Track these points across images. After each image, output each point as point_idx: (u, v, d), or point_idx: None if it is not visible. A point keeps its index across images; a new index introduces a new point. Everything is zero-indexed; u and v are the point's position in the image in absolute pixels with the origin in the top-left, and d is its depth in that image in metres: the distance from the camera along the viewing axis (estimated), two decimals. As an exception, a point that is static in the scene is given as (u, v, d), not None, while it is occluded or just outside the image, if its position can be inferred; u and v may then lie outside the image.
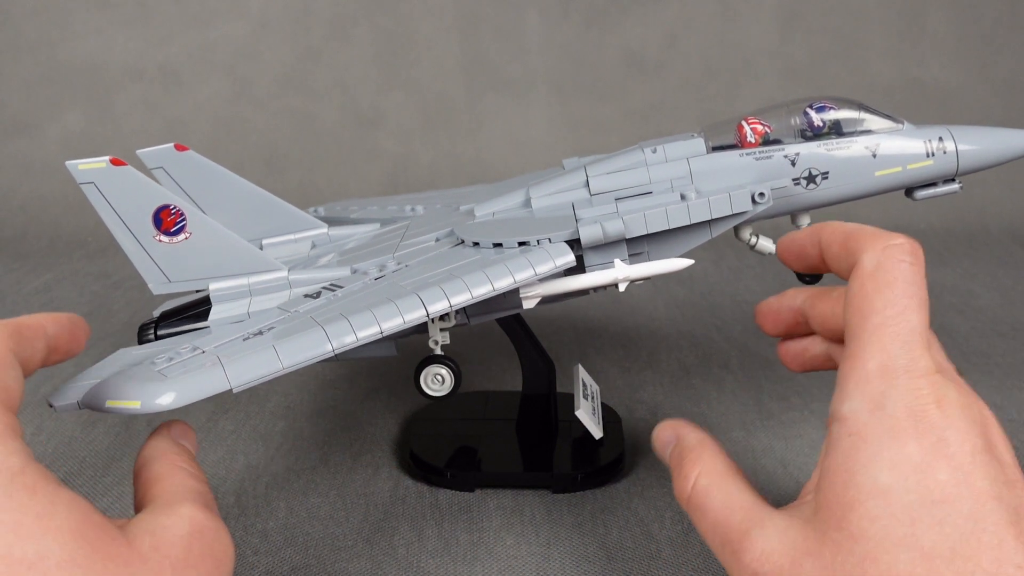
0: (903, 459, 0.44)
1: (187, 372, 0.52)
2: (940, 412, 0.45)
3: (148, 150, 0.74)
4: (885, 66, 1.66)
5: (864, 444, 0.45)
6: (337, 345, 0.53)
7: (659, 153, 0.69)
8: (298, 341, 0.53)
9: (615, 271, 0.63)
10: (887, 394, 0.45)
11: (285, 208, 0.79)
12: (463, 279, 0.58)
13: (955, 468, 0.43)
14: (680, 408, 0.85)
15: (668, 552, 0.64)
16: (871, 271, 0.48)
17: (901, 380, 0.45)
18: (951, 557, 0.42)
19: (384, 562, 0.64)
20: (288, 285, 0.67)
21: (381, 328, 0.54)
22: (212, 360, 0.52)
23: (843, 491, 0.44)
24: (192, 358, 0.54)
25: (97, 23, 1.68)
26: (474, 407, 0.82)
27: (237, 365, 0.52)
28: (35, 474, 0.39)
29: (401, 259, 0.67)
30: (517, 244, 0.63)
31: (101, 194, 0.64)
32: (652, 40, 1.68)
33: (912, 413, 0.45)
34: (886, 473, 0.44)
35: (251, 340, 0.55)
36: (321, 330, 0.54)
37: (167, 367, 0.53)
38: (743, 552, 0.47)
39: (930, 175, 0.67)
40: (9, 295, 1.25)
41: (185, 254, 0.67)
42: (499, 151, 1.66)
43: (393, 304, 0.56)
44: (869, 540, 0.43)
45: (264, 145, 1.67)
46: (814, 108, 0.68)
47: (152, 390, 0.50)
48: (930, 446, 0.44)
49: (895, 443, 0.44)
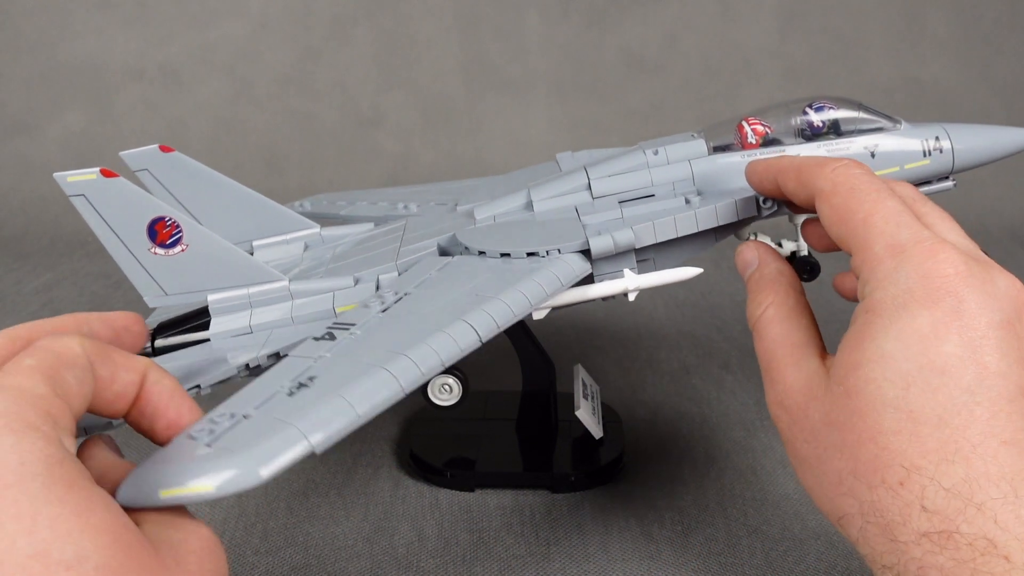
0: (912, 330, 0.44)
1: (249, 443, 0.42)
2: (958, 279, 0.45)
3: (131, 152, 0.72)
4: (885, 66, 1.66)
5: (877, 318, 0.46)
6: (406, 383, 0.48)
7: (661, 155, 0.68)
8: (364, 386, 0.47)
9: (626, 281, 0.62)
10: (899, 268, 0.46)
11: (275, 208, 0.77)
12: (501, 299, 0.55)
13: (966, 341, 0.44)
14: (680, 408, 0.86)
15: (668, 552, 0.64)
16: (831, 191, 0.51)
17: (911, 251, 0.46)
18: (937, 424, 0.43)
19: (384, 562, 0.64)
20: (289, 295, 0.66)
21: (442, 359, 0.51)
22: (270, 422, 0.44)
23: (849, 354, 0.46)
24: (239, 424, 0.45)
25: (97, 23, 1.68)
26: (474, 407, 0.82)
27: (307, 421, 0.44)
28: (73, 468, 0.36)
29: (403, 267, 0.66)
30: (526, 255, 0.61)
31: (92, 207, 0.62)
32: (652, 40, 1.67)
33: (926, 280, 0.45)
34: (892, 342, 0.45)
35: (299, 394, 0.48)
36: (386, 372, 0.48)
37: (215, 441, 0.43)
38: (776, 382, 0.51)
39: (927, 174, 0.67)
40: (9, 295, 1.25)
41: (182, 266, 0.65)
42: (499, 151, 1.65)
43: (446, 334, 0.52)
44: (861, 397, 0.45)
45: (264, 145, 1.67)
46: (813, 108, 0.67)
47: (214, 468, 0.40)
48: (943, 315, 0.44)
49: (906, 314, 0.45)
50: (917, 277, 0.45)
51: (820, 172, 0.52)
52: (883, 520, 0.43)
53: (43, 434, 0.36)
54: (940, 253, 0.45)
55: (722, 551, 0.65)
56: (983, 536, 0.41)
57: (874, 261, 0.47)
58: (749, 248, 0.59)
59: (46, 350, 0.40)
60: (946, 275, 0.45)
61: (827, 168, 0.52)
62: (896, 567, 0.43)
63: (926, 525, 0.42)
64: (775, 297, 0.54)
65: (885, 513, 0.43)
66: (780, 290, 0.55)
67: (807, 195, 0.53)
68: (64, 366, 0.39)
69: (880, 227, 0.48)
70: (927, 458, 0.42)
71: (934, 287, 0.45)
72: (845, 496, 0.45)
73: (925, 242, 0.46)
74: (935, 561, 0.41)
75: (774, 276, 0.56)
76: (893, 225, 0.47)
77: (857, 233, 0.48)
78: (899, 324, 0.45)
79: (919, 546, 0.42)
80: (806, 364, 0.50)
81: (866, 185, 0.50)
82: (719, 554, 0.65)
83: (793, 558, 0.65)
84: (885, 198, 0.49)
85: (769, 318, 0.54)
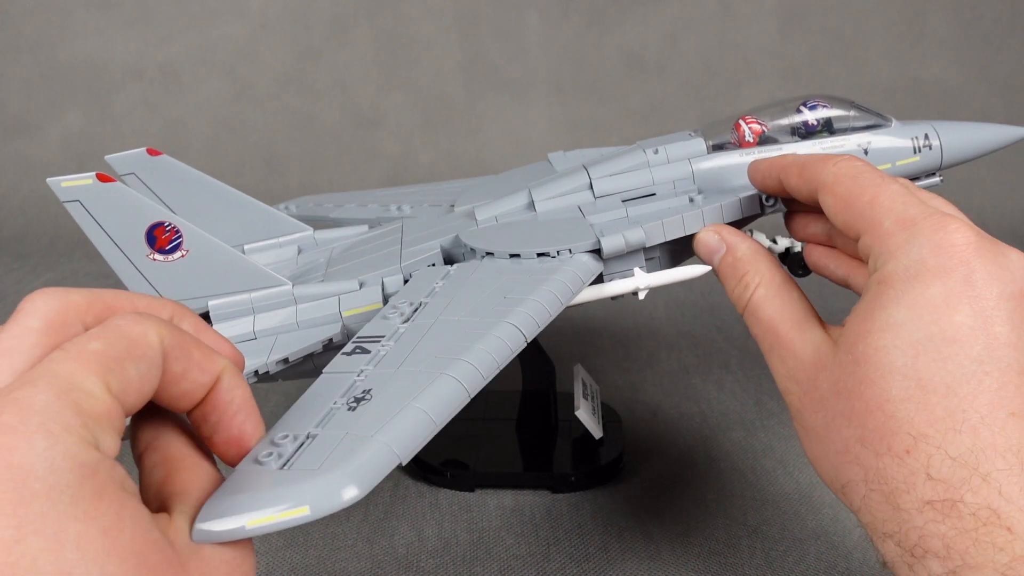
0: (924, 300, 0.45)
1: (331, 460, 0.41)
2: (969, 250, 0.45)
3: (117, 155, 0.70)
4: (885, 66, 1.66)
5: (889, 288, 0.46)
6: (470, 387, 0.49)
7: (661, 154, 0.69)
8: (433, 393, 0.47)
9: (636, 280, 0.63)
10: (911, 240, 0.47)
11: (267, 212, 0.76)
12: (535, 299, 0.55)
13: (977, 311, 0.44)
14: (680, 408, 0.86)
15: (668, 552, 0.64)
16: (834, 181, 0.52)
17: (922, 223, 0.47)
18: (946, 393, 0.43)
19: (384, 561, 0.64)
20: (293, 300, 0.65)
21: (497, 361, 0.52)
22: (348, 439, 0.43)
23: (860, 324, 0.46)
24: (309, 444, 0.44)
25: (97, 23, 1.68)
26: (474, 407, 0.81)
27: (389, 434, 0.43)
28: (106, 476, 0.33)
29: (407, 269, 0.65)
30: (536, 255, 0.61)
31: (88, 213, 0.60)
32: (652, 40, 1.67)
33: (938, 250, 0.45)
34: (903, 311, 0.45)
35: (361, 408, 0.47)
36: (450, 378, 0.49)
37: (286, 464, 0.41)
38: (786, 357, 0.51)
39: (917, 170, 0.69)
40: (9, 295, 1.25)
41: (182, 272, 0.63)
42: (499, 151, 1.65)
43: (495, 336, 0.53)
44: (870, 365, 0.45)
45: (264, 145, 1.67)
46: (807, 106, 0.69)
47: (305, 490, 0.38)
48: (955, 285, 0.45)
49: (919, 284, 0.45)
50: (929, 248, 0.45)
51: (823, 166, 0.53)
52: (887, 488, 0.43)
53: (79, 438, 0.33)
54: (951, 224, 0.46)
55: (722, 551, 0.65)
56: (987, 506, 0.40)
57: (885, 235, 0.47)
58: (708, 233, 0.59)
59: (119, 334, 0.36)
60: (958, 246, 0.45)
61: (829, 162, 0.53)
62: (897, 535, 0.43)
63: (930, 493, 0.42)
64: (760, 276, 0.54)
65: (890, 481, 0.43)
66: (763, 268, 0.55)
67: (810, 190, 0.54)
68: (131, 357, 0.36)
69: (888, 205, 0.48)
70: (934, 427, 0.42)
71: (946, 258, 0.45)
72: (851, 464, 0.45)
73: (935, 215, 0.46)
74: (937, 530, 0.41)
75: (751, 255, 0.56)
76: (900, 203, 0.48)
77: (864, 214, 0.49)
78: (911, 294, 0.45)
79: (922, 514, 0.42)
80: (811, 335, 0.50)
81: (869, 172, 0.51)
82: (719, 554, 0.65)
83: (793, 558, 0.65)
84: (889, 182, 0.50)
85: (761, 297, 0.53)
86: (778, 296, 0.53)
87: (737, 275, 0.55)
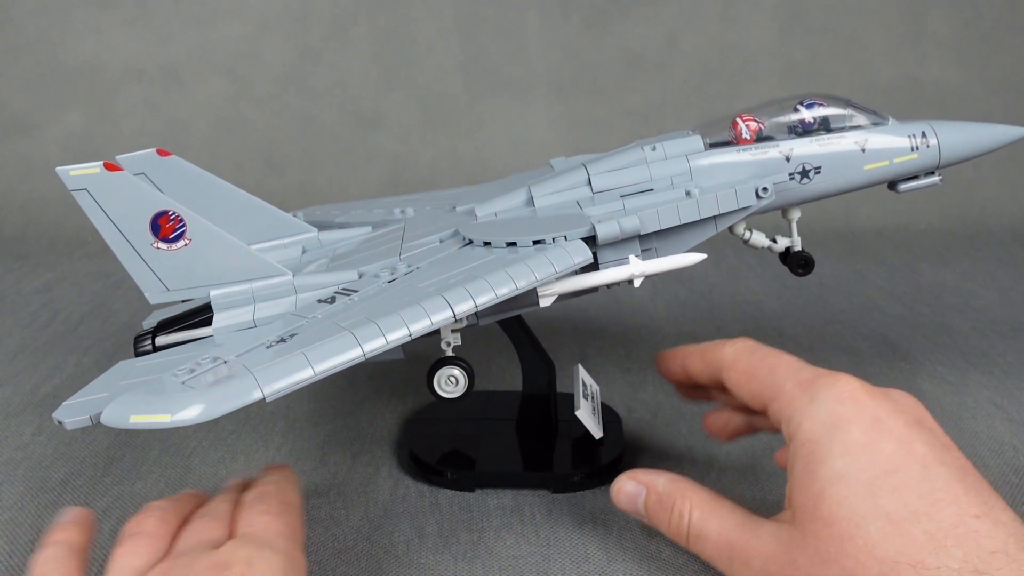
0: (851, 443, 0.49)
1: (216, 383, 0.50)
2: (865, 396, 0.51)
3: (128, 156, 0.72)
4: (885, 66, 1.66)
5: (816, 445, 0.50)
6: (368, 349, 0.52)
7: (659, 151, 0.70)
8: (327, 347, 0.52)
9: (631, 267, 0.64)
10: (815, 397, 0.52)
11: (273, 213, 0.77)
12: (486, 279, 0.57)
13: (897, 439, 0.48)
14: (680, 408, 0.85)
15: (668, 552, 0.64)
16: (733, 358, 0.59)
17: (817, 381, 0.53)
18: (914, 518, 0.45)
19: (384, 561, 0.64)
20: (294, 290, 0.66)
21: (410, 331, 0.53)
22: (238, 369, 0.51)
23: (809, 487, 0.49)
24: (214, 368, 0.53)
25: (97, 23, 1.68)
26: (474, 407, 0.82)
27: (266, 373, 0.50)
28: None
29: (409, 261, 0.66)
30: (532, 243, 0.62)
31: (95, 201, 0.61)
32: (652, 40, 1.68)
33: (840, 402, 0.51)
34: (840, 460, 0.48)
35: (275, 347, 0.54)
36: (350, 335, 0.52)
37: (190, 379, 0.51)
38: (751, 560, 0.51)
39: (914, 168, 0.70)
40: (9, 295, 1.25)
41: (185, 261, 0.65)
42: (499, 151, 1.65)
43: (419, 306, 0.54)
44: (841, 520, 0.47)
45: (264, 145, 1.67)
46: (804, 104, 0.70)
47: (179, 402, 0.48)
48: (869, 426, 0.49)
49: (839, 432, 0.49)
50: (833, 400, 0.51)
51: (721, 347, 0.60)
52: None
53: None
54: (841, 377, 0.53)
55: (722, 551, 0.65)
56: None
57: (790, 399, 0.53)
58: (623, 481, 0.61)
59: None
60: (855, 391, 0.51)
61: (727, 343, 0.60)
62: None
63: None
64: (690, 500, 0.56)
65: None
66: (688, 492, 0.57)
67: (712, 372, 0.61)
68: None
69: (785, 372, 0.55)
70: (925, 550, 0.44)
71: (849, 404, 0.50)
72: None
73: (825, 373, 0.53)
74: None
75: (672, 485, 0.58)
76: (795, 369, 0.55)
77: (766, 383, 0.55)
78: (839, 443, 0.49)
79: None
80: (763, 529, 0.52)
81: (764, 347, 0.58)
82: (719, 554, 0.65)
83: (793, 558, 0.64)
84: (781, 353, 0.57)
85: (700, 519, 0.55)
86: (715, 511, 0.55)
87: (667, 508, 0.57)
